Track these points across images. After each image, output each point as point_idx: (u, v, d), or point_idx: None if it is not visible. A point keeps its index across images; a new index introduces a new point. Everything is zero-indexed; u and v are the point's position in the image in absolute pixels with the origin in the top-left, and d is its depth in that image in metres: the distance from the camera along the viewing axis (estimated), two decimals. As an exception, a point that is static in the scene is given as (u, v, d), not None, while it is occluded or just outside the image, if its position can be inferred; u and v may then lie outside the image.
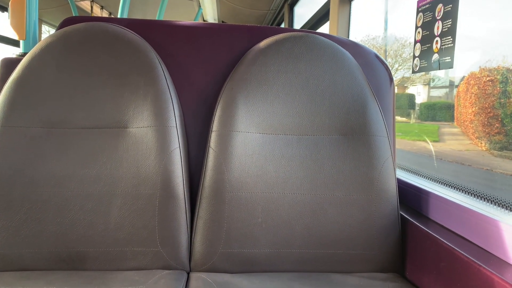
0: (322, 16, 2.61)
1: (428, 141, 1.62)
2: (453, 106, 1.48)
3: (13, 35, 1.19)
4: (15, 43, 4.29)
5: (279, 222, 0.96)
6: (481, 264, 0.71)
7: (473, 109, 1.25)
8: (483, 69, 1.18)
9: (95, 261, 0.92)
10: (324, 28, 2.71)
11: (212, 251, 0.95)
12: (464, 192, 0.97)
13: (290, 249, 0.96)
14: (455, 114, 1.44)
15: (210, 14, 5.78)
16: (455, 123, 1.44)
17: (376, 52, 1.20)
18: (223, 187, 0.95)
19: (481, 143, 1.23)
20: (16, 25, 1.18)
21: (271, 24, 4.89)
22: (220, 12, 5.46)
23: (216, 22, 6.24)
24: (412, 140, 1.79)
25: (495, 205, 0.87)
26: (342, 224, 0.97)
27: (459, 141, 1.42)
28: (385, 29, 2.03)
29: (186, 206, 0.96)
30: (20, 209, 0.91)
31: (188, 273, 0.96)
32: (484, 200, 0.90)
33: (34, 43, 1.22)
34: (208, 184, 0.96)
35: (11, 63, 1.07)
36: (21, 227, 0.91)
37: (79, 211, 0.92)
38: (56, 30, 1.06)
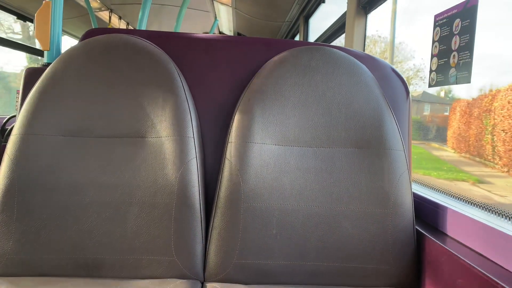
0: (337, 28, 2.62)
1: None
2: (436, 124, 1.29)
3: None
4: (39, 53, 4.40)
5: (294, 234, 0.96)
6: (500, 283, 0.70)
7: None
8: None
9: (111, 268, 0.94)
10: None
11: (226, 261, 0.95)
12: None
13: (304, 261, 0.96)
14: (450, 135, 1.20)
15: (226, 25, 5.86)
16: (452, 145, 1.15)
17: (392, 65, 1.20)
18: (238, 198, 0.96)
19: None
20: (40, 36, 1.21)
21: (286, 36, 4.92)
22: (235, 23, 5.52)
23: (232, 33, 6.30)
24: (436, 177, 1.35)
25: None
26: (357, 237, 0.96)
27: (503, 179, 1.05)
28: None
29: (202, 216, 0.97)
30: (40, 215, 0.93)
31: (202, 283, 0.96)
32: None
33: (58, 54, 1.25)
34: (223, 194, 0.97)
35: (34, 73, 1.11)
36: (41, 233, 0.92)
37: (97, 219, 0.94)
38: (79, 42, 1.09)
